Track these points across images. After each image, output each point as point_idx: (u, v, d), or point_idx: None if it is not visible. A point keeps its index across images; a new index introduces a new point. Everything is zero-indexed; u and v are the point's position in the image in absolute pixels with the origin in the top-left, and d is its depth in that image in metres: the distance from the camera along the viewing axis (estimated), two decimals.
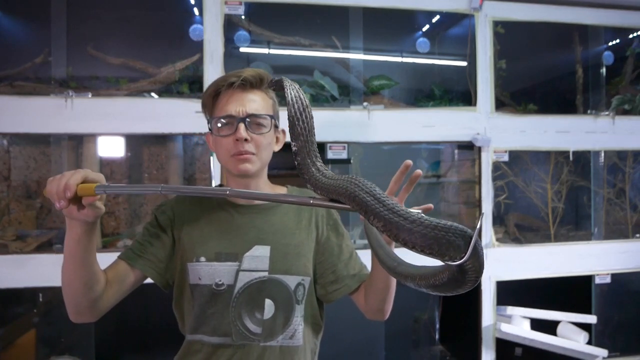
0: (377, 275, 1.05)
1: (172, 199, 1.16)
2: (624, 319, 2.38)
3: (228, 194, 0.79)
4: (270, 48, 2.26)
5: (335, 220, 1.18)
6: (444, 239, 0.52)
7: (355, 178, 0.67)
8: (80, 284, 0.91)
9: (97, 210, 0.85)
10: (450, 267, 0.55)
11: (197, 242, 1.07)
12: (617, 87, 2.43)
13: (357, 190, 0.63)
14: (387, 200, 0.60)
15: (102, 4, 2.17)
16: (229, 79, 1.05)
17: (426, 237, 0.52)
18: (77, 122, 1.82)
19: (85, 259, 0.90)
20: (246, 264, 1.05)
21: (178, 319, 1.13)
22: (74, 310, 0.96)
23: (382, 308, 1.09)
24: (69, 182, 0.80)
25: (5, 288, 1.76)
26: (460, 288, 0.58)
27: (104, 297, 0.96)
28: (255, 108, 1.06)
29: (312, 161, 0.76)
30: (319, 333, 1.16)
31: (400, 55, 2.55)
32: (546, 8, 2.21)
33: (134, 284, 1.04)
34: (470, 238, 0.51)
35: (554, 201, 2.39)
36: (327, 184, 0.71)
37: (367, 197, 0.61)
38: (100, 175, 0.84)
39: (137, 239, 1.08)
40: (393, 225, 0.56)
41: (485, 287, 2.11)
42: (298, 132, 0.75)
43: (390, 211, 0.58)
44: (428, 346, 2.52)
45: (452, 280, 0.57)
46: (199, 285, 1.05)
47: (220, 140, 1.06)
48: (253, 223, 1.10)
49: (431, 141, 2.19)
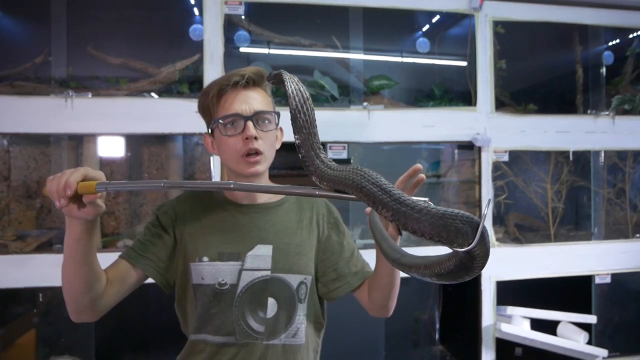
0: (382, 271, 1.05)
1: (173, 199, 1.15)
2: (624, 319, 2.38)
3: (232, 188, 0.79)
4: (270, 48, 2.26)
5: (336, 218, 1.18)
6: (452, 226, 0.53)
7: (360, 169, 0.67)
8: (81, 283, 0.91)
9: (97, 209, 0.84)
10: (457, 254, 0.56)
11: (200, 242, 1.07)
12: (617, 87, 2.43)
13: (363, 182, 0.64)
14: (393, 190, 0.61)
15: (102, 4, 2.17)
16: (233, 78, 1.05)
17: (435, 225, 0.53)
18: (77, 122, 1.82)
19: (85, 258, 0.89)
20: (249, 263, 1.05)
21: (180, 319, 1.13)
22: (74, 310, 0.95)
23: (386, 304, 1.09)
24: (69, 180, 0.80)
25: (5, 288, 1.76)
26: (467, 275, 0.58)
27: (104, 296, 0.96)
28: (260, 105, 1.06)
29: (316, 153, 0.76)
30: (321, 331, 1.17)
31: (400, 55, 2.55)
32: (546, 8, 2.21)
33: (135, 284, 1.04)
34: (478, 225, 0.52)
35: (554, 201, 2.39)
36: (332, 176, 0.71)
37: (373, 187, 0.62)
38: (100, 172, 0.83)
39: (138, 238, 1.08)
40: (401, 214, 0.57)
41: (485, 287, 2.11)
42: (300, 124, 0.75)
43: (397, 201, 0.59)
44: (428, 346, 2.52)
45: (458, 267, 0.57)
46: (202, 285, 1.05)
47: (226, 141, 1.05)
48: (255, 222, 1.10)
49: (431, 141, 2.19)
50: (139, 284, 1.05)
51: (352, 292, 1.14)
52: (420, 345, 2.51)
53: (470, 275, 0.58)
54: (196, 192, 1.16)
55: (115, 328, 2.13)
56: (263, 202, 1.13)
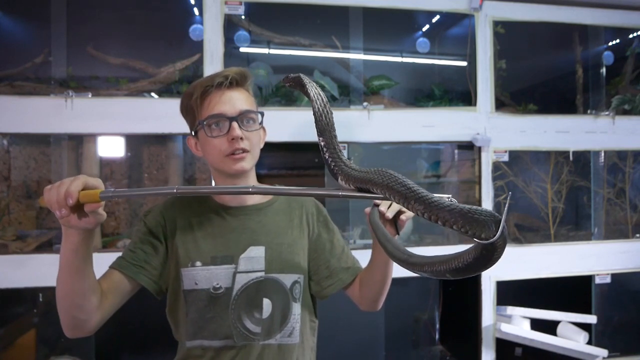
0: (376, 267, 1.07)
1: (160, 205, 1.14)
2: (624, 319, 2.38)
3: (251, 192, 0.80)
4: (270, 48, 2.26)
5: (325, 217, 1.20)
6: (478, 220, 0.58)
7: (385, 171, 0.72)
8: (78, 296, 0.88)
9: (99, 217, 0.82)
10: (478, 248, 0.61)
11: (192, 247, 1.06)
12: (617, 87, 2.43)
13: (391, 182, 0.69)
14: (421, 189, 0.66)
15: (102, 4, 2.17)
16: (216, 79, 1.05)
17: (465, 216, 0.59)
18: (77, 122, 1.82)
19: (82, 269, 0.87)
20: (243, 265, 1.05)
21: (172, 325, 1.11)
22: (70, 325, 0.92)
23: (378, 299, 1.12)
24: (69, 189, 0.77)
25: (5, 288, 1.76)
26: (484, 267, 0.63)
27: (100, 309, 0.93)
28: (245, 105, 1.06)
29: (339, 155, 0.79)
30: (315, 330, 1.17)
31: (400, 55, 2.55)
32: (546, 8, 2.21)
33: (129, 294, 1.02)
34: (499, 219, 0.58)
35: (554, 201, 2.39)
36: (360, 177, 0.75)
37: (401, 187, 0.67)
38: (98, 180, 0.81)
39: (128, 247, 1.06)
40: (434, 207, 0.61)
41: (485, 287, 2.11)
42: (323, 127, 0.78)
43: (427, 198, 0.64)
44: (428, 346, 2.52)
45: (478, 260, 0.62)
46: (195, 290, 1.04)
47: (211, 142, 1.05)
48: (246, 225, 1.10)
49: (431, 141, 2.19)
50: (132, 293, 1.03)
51: (344, 289, 1.15)
52: (420, 345, 2.51)
53: (488, 266, 0.63)
54: (184, 197, 1.14)
55: (115, 328, 2.12)
56: (253, 204, 1.13)
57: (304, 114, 1.95)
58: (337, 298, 1.16)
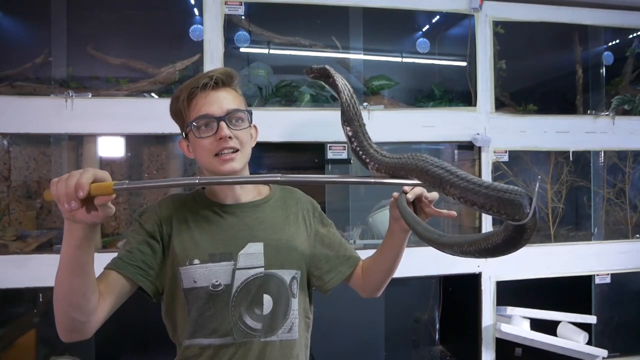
0: (386, 255, 1.11)
1: (155, 204, 1.13)
2: (624, 319, 2.38)
3: (279, 181, 0.81)
4: (270, 48, 2.26)
5: (320, 213, 1.21)
6: (513, 202, 0.60)
7: (419, 155, 0.73)
8: (78, 296, 0.86)
9: (108, 211, 0.80)
10: (507, 229, 0.63)
11: (189, 245, 1.05)
12: (617, 87, 2.43)
13: (427, 165, 0.70)
14: (458, 171, 0.67)
15: (102, 4, 2.17)
16: (201, 80, 1.05)
17: (501, 200, 0.60)
18: (77, 122, 1.81)
19: (84, 267, 0.85)
20: (242, 262, 1.05)
21: (169, 327, 1.10)
22: (67, 327, 0.90)
23: (381, 286, 1.16)
24: (80, 181, 0.75)
25: (5, 288, 1.76)
26: (514, 248, 0.65)
27: (97, 310, 0.91)
28: (232, 104, 1.06)
29: (369, 143, 0.80)
30: (309, 327, 1.18)
31: (400, 56, 2.55)
32: (546, 8, 2.21)
33: (126, 295, 1.00)
34: (531, 200, 0.60)
35: (554, 201, 2.39)
36: (393, 163, 0.77)
37: (439, 170, 0.68)
38: (106, 173, 0.80)
39: (124, 247, 1.04)
40: (470, 191, 0.63)
41: (485, 287, 2.11)
42: (351, 117, 0.79)
43: (464, 180, 0.65)
44: (428, 346, 2.52)
45: (507, 241, 0.64)
46: (194, 289, 1.03)
47: (200, 142, 1.05)
48: (243, 221, 1.10)
49: (431, 141, 2.19)
50: (129, 295, 1.01)
51: (344, 280, 1.17)
52: (420, 345, 2.51)
53: (517, 248, 0.65)
54: (178, 196, 1.14)
55: (115, 328, 2.12)
56: (248, 201, 1.13)
57: (303, 114, 1.95)
58: (337, 298, 1.17)
